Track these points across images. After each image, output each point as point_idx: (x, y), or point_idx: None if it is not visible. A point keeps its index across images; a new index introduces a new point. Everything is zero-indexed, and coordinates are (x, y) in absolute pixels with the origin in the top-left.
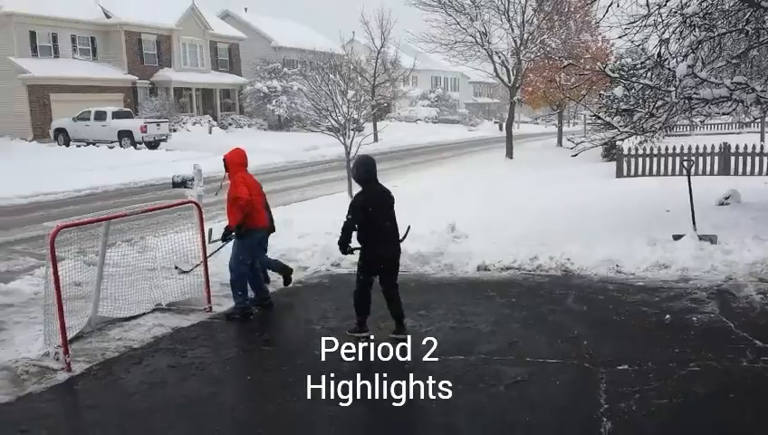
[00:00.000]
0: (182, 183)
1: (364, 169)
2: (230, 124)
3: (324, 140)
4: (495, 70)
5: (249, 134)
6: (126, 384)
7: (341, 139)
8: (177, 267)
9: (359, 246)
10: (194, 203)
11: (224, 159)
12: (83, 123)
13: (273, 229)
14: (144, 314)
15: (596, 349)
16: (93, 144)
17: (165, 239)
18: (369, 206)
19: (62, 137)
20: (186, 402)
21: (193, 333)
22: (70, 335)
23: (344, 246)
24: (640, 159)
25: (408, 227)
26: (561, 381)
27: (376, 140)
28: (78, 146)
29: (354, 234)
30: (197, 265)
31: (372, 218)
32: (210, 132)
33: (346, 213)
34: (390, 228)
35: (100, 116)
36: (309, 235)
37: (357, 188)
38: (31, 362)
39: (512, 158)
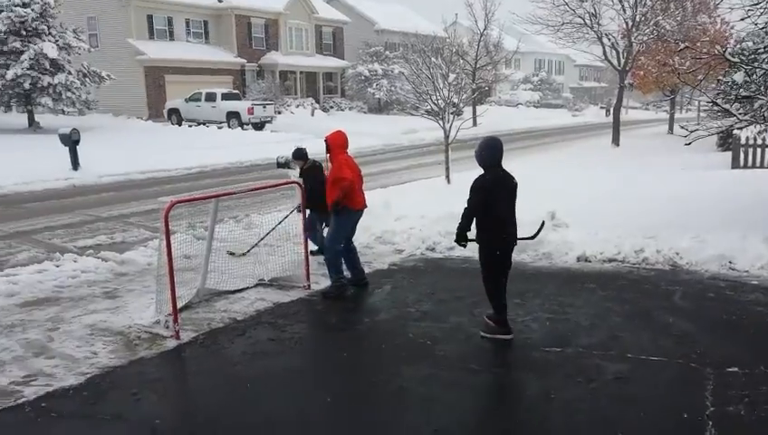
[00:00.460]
0: (285, 164)
1: (490, 153)
2: (331, 107)
3: (423, 124)
4: (604, 52)
5: (349, 117)
6: (229, 354)
7: (440, 122)
8: (229, 252)
9: (471, 236)
10: (296, 183)
11: (326, 141)
12: (195, 104)
13: None
14: (247, 288)
15: (704, 349)
16: (203, 124)
17: (268, 217)
18: (494, 189)
19: (175, 117)
20: (284, 374)
21: (293, 309)
22: (179, 305)
23: (463, 234)
24: (759, 150)
25: (542, 223)
26: (664, 380)
27: (475, 124)
28: (189, 126)
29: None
30: (252, 247)
31: (495, 203)
32: (312, 115)
33: (468, 197)
34: (511, 215)
35: (211, 97)
36: (405, 218)
37: (457, 173)
38: (143, 329)
39: (618, 145)
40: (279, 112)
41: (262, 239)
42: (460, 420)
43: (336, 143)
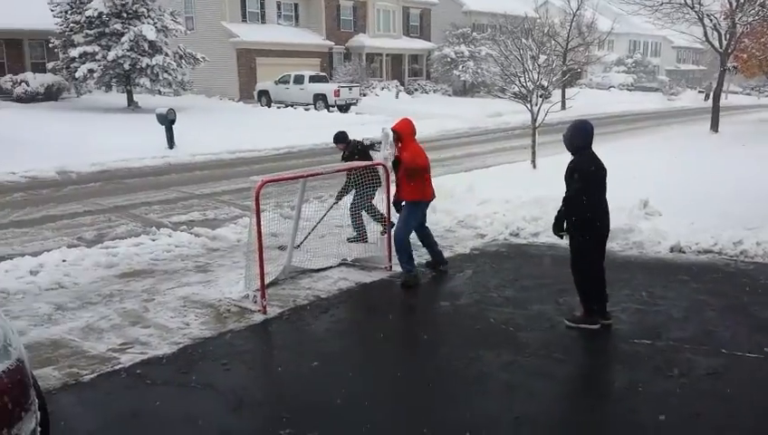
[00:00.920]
0: (370, 146)
1: (582, 135)
2: (416, 90)
3: (508, 108)
4: (705, 34)
5: (433, 100)
6: (313, 330)
7: (528, 105)
8: (280, 247)
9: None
10: (382, 165)
11: (395, 131)
12: (283, 86)
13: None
14: (331, 267)
15: None
16: (291, 106)
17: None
18: (596, 173)
19: (265, 98)
20: (365, 353)
21: (375, 289)
22: (267, 281)
23: (561, 223)
24: None
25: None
26: (761, 379)
27: (564, 107)
28: (278, 107)
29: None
30: (303, 241)
31: (596, 189)
32: (397, 97)
33: (571, 182)
34: (606, 200)
35: (299, 80)
36: (488, 202)
37: (543, 158)
38: (232, 303)
39: (717, 131)
40: (364, 95)
41: (309, 233)
42: (542, 409)
43: (407, 131)
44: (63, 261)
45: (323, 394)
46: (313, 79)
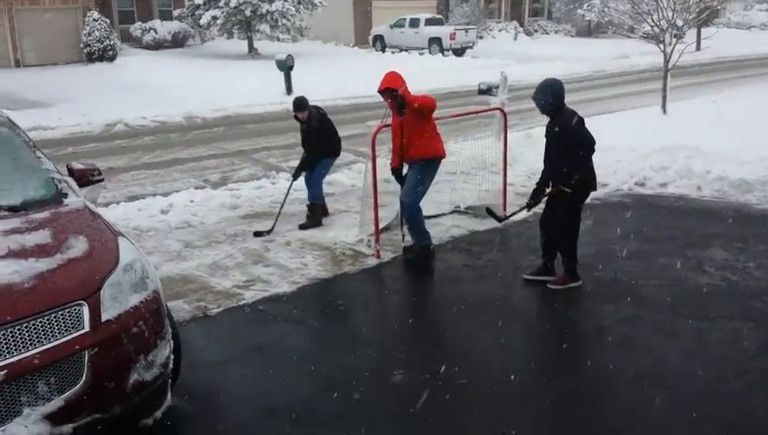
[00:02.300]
0: (487, 90)
1: (560, 91)
2: (536, 31)
3: (635, 49)
4: None
5: (554, 41)
6: (426, 276)
7: (660, 46)
8: (256, 233)
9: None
10: (499, 110)
11: (391, 89)
12: (398, 30)
13: None
14: (443, 214)
15: None
16: (405, 51)
17: (466, 145)
18: (584, 126)
19: (379, 43)
20: (477, 301)
21: (488, 237)
22: (381, 226)
23: (542, 190)
24: None
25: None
26: None
27: (698, 48)
28: (392, 52)
29: None
30: (273, 227)
31: (588, 144)
32: (515, 39)
33: (572, 145)
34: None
35: (414, 23)
36: (612, 150)
37: (675, 103)
38: (347, 246)
39: None
40: (480, 37)
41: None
42: (665, 366)
43: (402, 81)
44: (191, 201)
45: (435, 339)
46: (429, 22)
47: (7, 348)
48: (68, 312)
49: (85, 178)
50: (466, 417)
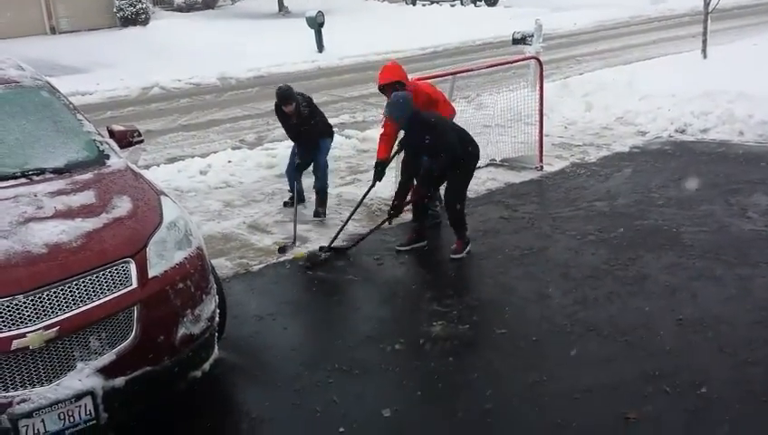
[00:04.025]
0: (522, 39)
1: (407, 104)
2: None
3: None
4: None
5: None
6: None
7: None
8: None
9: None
10: (535, 59)
11: (393, 83)
12: None
13: None
14: (478, 167)
15: None
16: (437, 3)
17: (500, 97)
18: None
19: None
20: (517, 252)
21: (524, 189)
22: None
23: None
24: None
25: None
26: None
27: None
28: (423, 5)
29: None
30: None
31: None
32: None
33: (443, 138)
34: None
35: None
36: (651, 97)
37: (715, 47)
38: (382, 202)
39: None
40: None
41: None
42: (709, 313)
43: (403, 76)
44: (229, 162)
45: (474, 290)
46: None
47: (59, 305)
48: (116, 269)
49: (125, 140)
50: (506, 365)
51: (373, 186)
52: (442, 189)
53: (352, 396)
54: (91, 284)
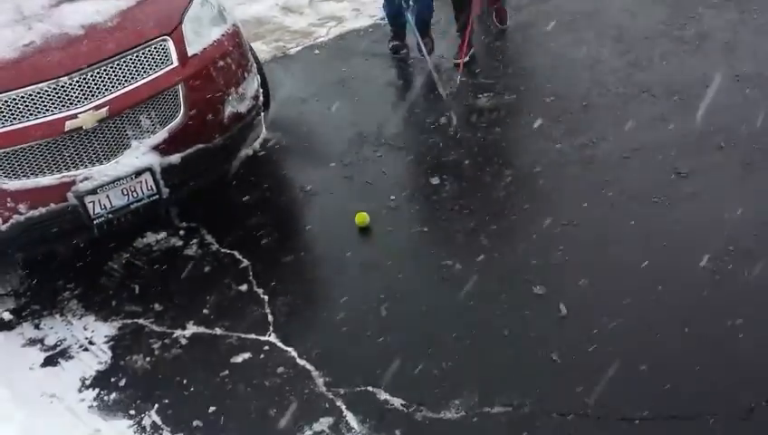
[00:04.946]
0: None
1: None
2: None
3: None
4: None
5: None
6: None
7: None
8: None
9: None
10: None
11: None
12: None
13: None
14: None
15: None
16: None
17: None
18: None
19: None
20: (567, 18)
21: None
22: None
23: None
24: None
25: None
26: None
27: None
28: None
29: None
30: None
31: None
32: None
33: None
34: None
35: None
36: None
37: None
38: None
39: None
40: None
41: None
42: None
43: None
44: None
45: (523, 60)
46: None
47: (104, 86)
48: (154, 48)
49: None
50: (553, 130)
51: None
52: None
53: (401, 168)
54: (132, 63)
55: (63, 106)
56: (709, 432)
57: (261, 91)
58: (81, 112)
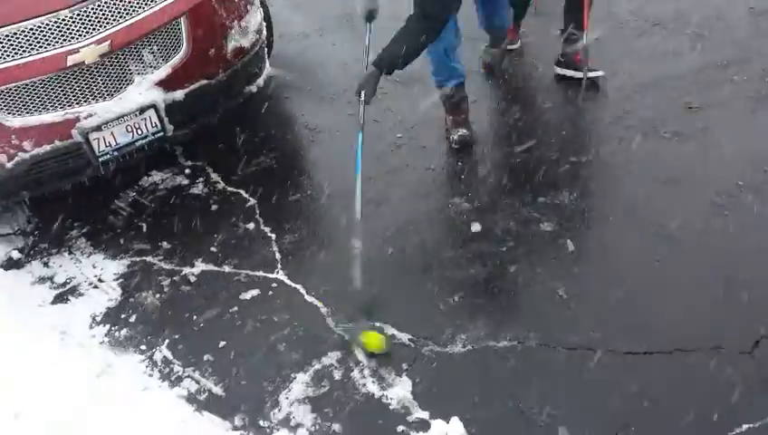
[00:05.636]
0: None
1: None
2: None
3: None
4: None
5: None
6: None
7: None
8: None
9: None
10: None
11: None
12: None
13: None
14: None
15: None
16: None
17: None
18: None
19: None
20: None
21: None
22: None
23: None
24: None
25: None
26: None
27: None
28: None
29: None
30: None
31: None
32: None
33: None
34: None
35: None
36: None
37: None
38: None
39: None
40: None
41: None
42: None
43: None
44: None
45: None
46: None
47: (105, 19)
48: None
49: None
50: None
51: None
52: None
53: (407, 105)
54: None
55: (65, 40)
56: (714, 365)
57: (264, 25)
58: (82, 47)
